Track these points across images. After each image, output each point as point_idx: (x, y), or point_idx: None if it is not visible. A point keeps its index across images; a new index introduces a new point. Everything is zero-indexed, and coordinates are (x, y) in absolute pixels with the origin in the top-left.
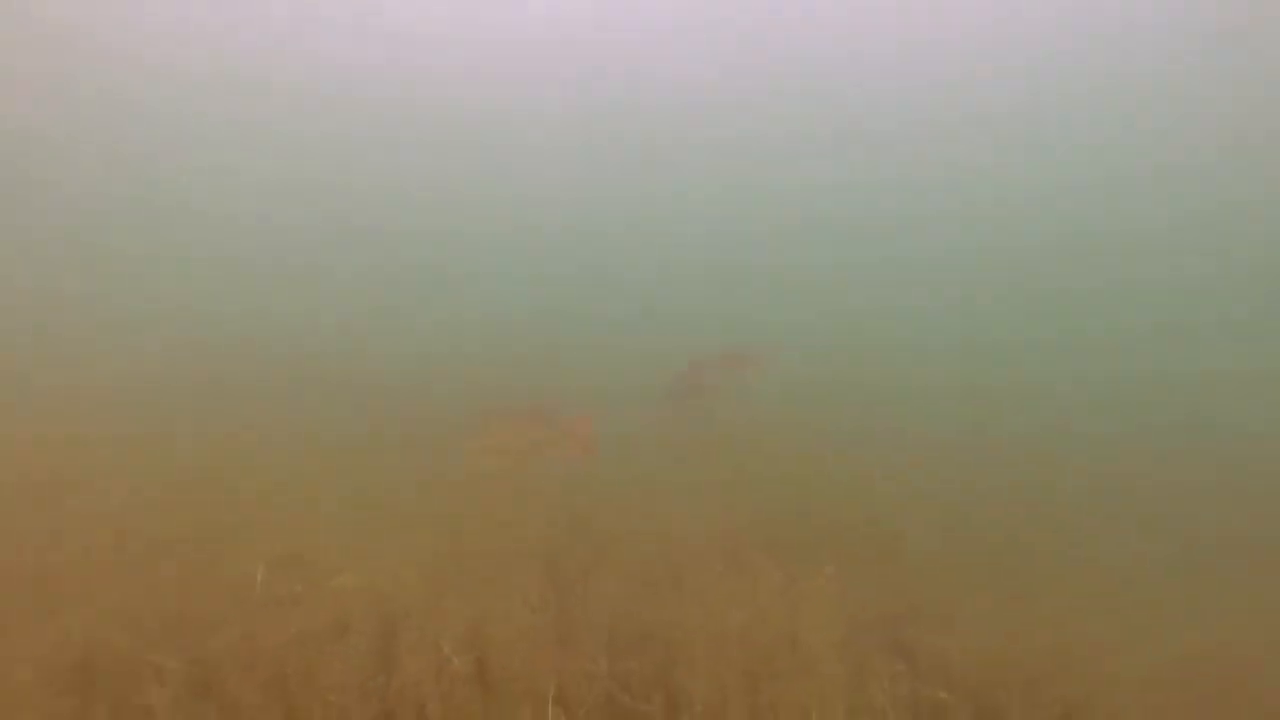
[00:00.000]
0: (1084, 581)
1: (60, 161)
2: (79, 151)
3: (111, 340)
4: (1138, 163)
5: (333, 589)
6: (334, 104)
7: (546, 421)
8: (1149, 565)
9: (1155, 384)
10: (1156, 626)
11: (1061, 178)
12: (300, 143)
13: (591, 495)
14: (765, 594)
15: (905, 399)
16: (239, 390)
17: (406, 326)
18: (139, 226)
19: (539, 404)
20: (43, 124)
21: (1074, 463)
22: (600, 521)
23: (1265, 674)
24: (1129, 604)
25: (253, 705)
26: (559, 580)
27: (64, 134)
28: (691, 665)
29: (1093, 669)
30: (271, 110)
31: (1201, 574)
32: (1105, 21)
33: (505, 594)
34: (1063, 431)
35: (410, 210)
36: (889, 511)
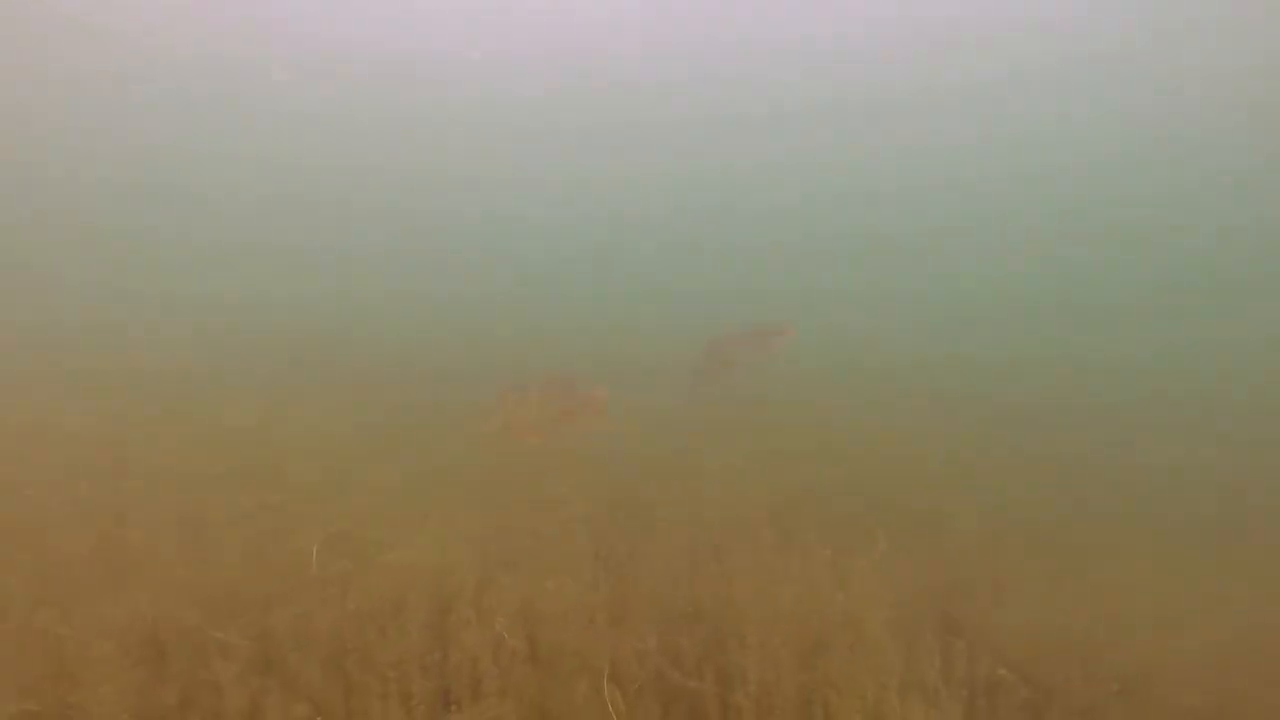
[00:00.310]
0: (1139, 553)
1: (97, 155)
2: (111, 144)
3: (159, 328)
4: (1158, 130)
5: (383, 566)
6: (354, 89)
7: (566, 392)
8: (1208, 535)
9: (1212, 351)
10: (1216, 599)
11: (1096, 146)
12: (322, 130)
13: (631, 472)
14: (814, 570)
15: (946, 372)
16: (277, 375)
17: (432, 309)
18: (178, 217)
19: (559, 376)
20: (62, 115)
21: (1126, 433)
22: (643, 498)
23: None
24: (1187, 576)
25: (313, 681)
26: (605, 557)
27: (86, 126)
28: (742, 641)
29: (1150, 643)
30: (291, 97)
31: (1266, 544)
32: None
33: (553, 571)
34: (1113, 402)
35: (429, 194)
36: (935, 486)
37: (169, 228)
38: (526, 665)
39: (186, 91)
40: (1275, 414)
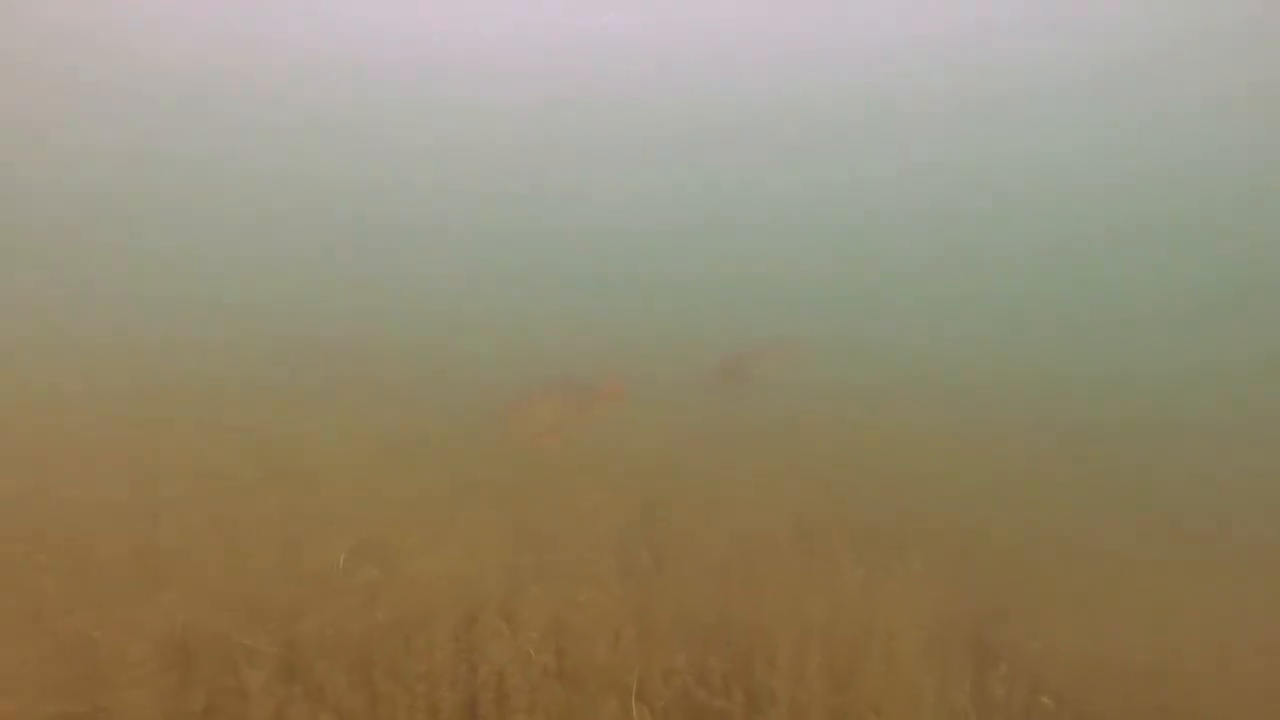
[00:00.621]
0: (1187, 576)
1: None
2: (119, 156)
3: (196, 335)
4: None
5: (410, 575)
6: (362, 98)
7: (579, 389)
8: (1262, 559)
9: (1265, 363)
10: (1271, 627)
11: (1102, 164)
12: (335, 141)
13: (654, 483)
14: (844, 588)
15: (978, 386)
16: (310, 381)
17: (450, 320)
18: (209, 225)
19: (568, 376)
20: (66, 126)
21: (1175, 448)
22: (667, 510)
23: None
24: (1239, 602)
25: (339, 690)
26: (631, 570)
27: (89, 136)
28: (771, 661)
29: (1196, 673)
30: (311, 112)
31: None
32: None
33: (580, 584)
34: (1159, 416)
35: (446, 207)
36: (969, 503)
37: (202, 236)
38: (554, 681)
39: (204, 102)
40: None
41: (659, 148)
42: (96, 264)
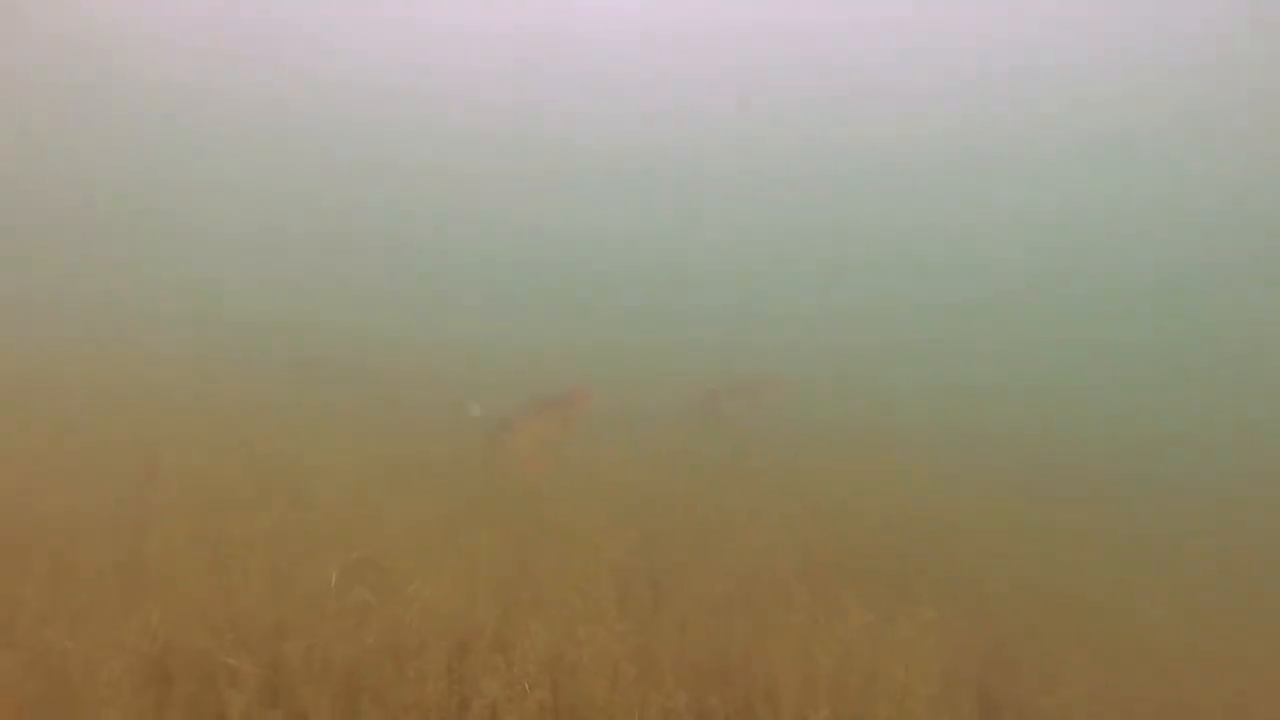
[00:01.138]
0: (1196, 632)
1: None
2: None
3: (187, 349)
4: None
5: (402, 599)
6: (355, 126)
7: (551, 406)
8: (1269, 613)
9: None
10: None
11: (1085, 216)
12: (332, 162)
13: (659, 516)
14: (849, 632)
15: (990, 433)
16: (297, 400)
17: (451, 343)
18: (196, 245)
19: (536, 396)
20: (70, 138)
21: (1184, 506)
22: (671, 544)
23: None
24: (1263, 662)
25: (323, 716)
26: (634, 605)
27: (91, 149)
28: (774, 705)
29: None
30: (320, 132)
31: None
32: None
33: (580, 619)
34: (1166, 472)
35: (447, 231)
36: (978, 553)
37: (197, 251)
38: (550, 719)
39: (202, 120)
40: None
41: (654, 182)
42: (92, 274)
